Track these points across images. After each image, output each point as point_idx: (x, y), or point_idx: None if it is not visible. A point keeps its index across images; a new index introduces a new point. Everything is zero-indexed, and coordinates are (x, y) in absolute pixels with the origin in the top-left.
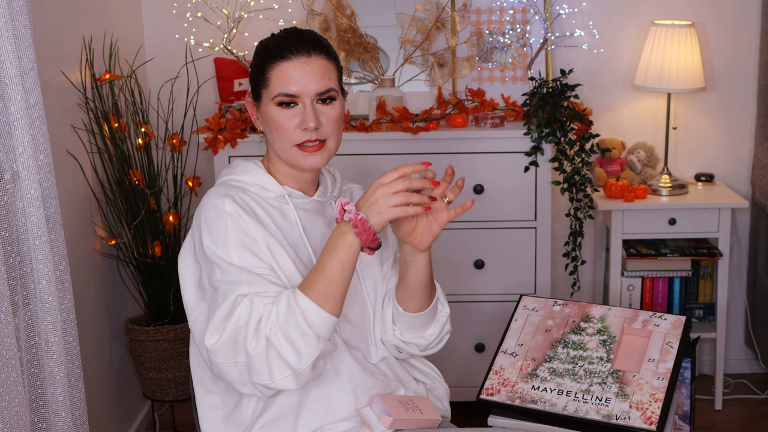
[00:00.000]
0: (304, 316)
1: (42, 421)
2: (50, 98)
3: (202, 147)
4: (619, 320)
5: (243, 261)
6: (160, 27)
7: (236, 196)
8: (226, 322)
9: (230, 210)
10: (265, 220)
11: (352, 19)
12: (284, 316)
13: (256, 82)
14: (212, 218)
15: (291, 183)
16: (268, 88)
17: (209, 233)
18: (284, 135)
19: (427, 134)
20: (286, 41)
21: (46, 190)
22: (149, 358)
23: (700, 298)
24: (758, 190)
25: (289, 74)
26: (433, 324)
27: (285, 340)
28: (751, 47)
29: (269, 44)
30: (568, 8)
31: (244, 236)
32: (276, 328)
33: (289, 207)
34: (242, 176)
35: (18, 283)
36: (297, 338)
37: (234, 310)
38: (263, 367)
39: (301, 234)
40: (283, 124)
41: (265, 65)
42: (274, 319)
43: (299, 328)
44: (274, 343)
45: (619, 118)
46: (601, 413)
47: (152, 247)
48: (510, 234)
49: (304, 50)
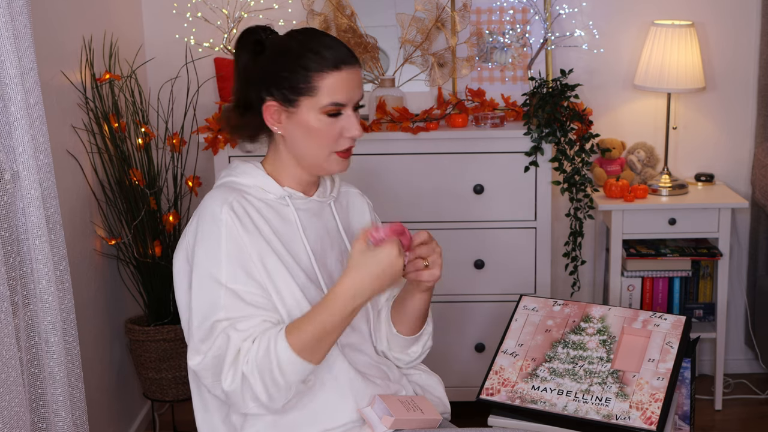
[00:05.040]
0: (279, 366)
1: (42, 421)
2: (50, 98)
3: (202, 147)
4: (619, 320)
5: (230, 278)
6: (160, 27)
7: (235, 203)
8: (207, 345)
9: (227, 219)
10: (263, 228)
11: (352, 19)
12: (261, 359)
13: (294, 89)
14: (208, 226)
15: (294, 185)
16: (315, 96)
17: (202, 241)
18: (324, 142)
19: (427, 134)
20: (335, 51)
21: (46, 190)
22: (149, 358)
23: (700, 298)
24: (758, 190)
25: (342, 85)
26: (418, 343)
27: (260, 380)
28: (751, 47)
29: (307, 50)
30: (568, 8)
31: (237, 250)
32: (253, 368)
33: (290, 209)
34: (241, 178)
35: (18, 283)
36: (269, 383)
37: (212, 337)
38: (239, 400)
39: (301, 235)
40: (326, 132)
41: (312, 74)
42: (253, 357)
43: (272, 376)
44: (250, 381)
45: (619, 118)
46: (601, 413)
47: (152, 247)
48: (510, 234)
49: (352, 61)
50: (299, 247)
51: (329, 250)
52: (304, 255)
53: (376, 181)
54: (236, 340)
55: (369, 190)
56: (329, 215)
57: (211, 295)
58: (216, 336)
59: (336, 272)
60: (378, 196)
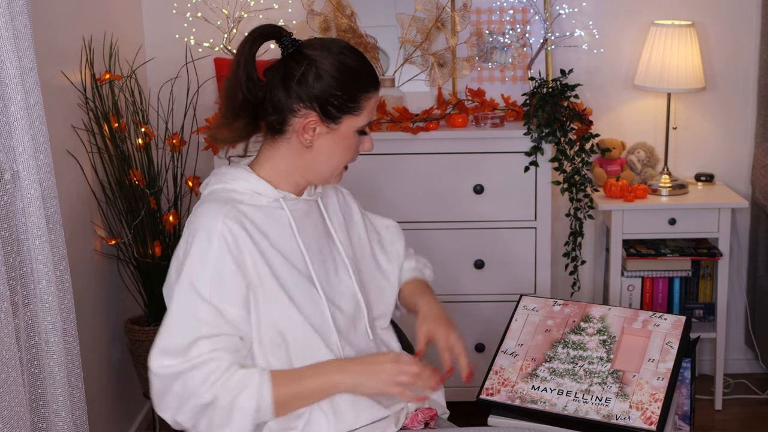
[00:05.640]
0: (236, 407)
1: (42, 421)
2: (50, 98)
3: (202, 147)
4: (619, 320)
5: (215, 295)
6: (160, 27)
7: (229, 216)
8: (181, 359)
9: (221, 237)
10: (261, 244)
11: (352, 19)
12: (224, 391)
13: (341, 107)
14: (200, 240)
15: (290, 188)
16: (359, 116)
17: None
18: (347, 157)
19: (427, 134)
20: (372, 71)
21: (46, 190)
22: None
23: (700, 298)
24: (758, 190)
25: (375, 105)
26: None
27: (228, 411)
28: (751, 47)
29: (358, 71)
30: (568, 8)
31: (225, 269)
32: (224, 395)
33: (284, 211)
34: (233, 184)
35: (18, 283)
36: (200, 412)
37: (190, 353)
38: (161, 392)
39: (296, 236)
40: (354, 148)
41: (360, 94)
42: (218, 384)
43: (216, 410)
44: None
45: (619, 118)
46: (601, 413)
47: (152, 247)
48: (510, 234)
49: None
50: (294, 250)
51: (324, 247)
52: (299, 256)
53: (375, 181)
54: (212, 371)
55: (369, 190)
56: (317, 213)
57: (194, 309)
58: (197, 368)
59: (331, 270)
60: (378, 196)
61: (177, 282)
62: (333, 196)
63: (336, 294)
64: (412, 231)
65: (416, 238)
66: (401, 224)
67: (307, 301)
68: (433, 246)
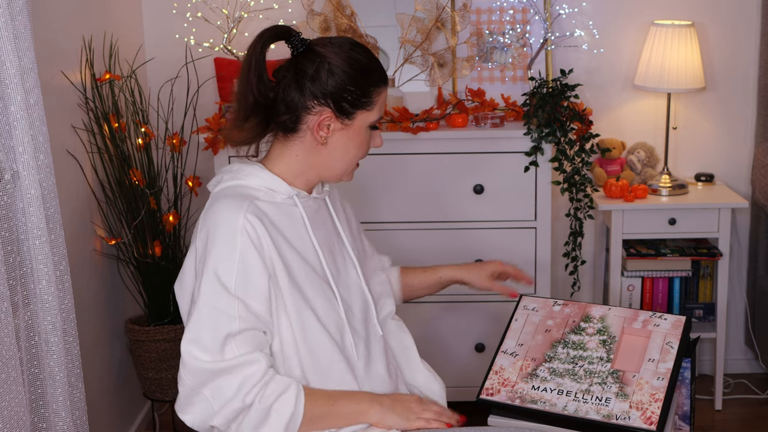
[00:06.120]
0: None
1: (42, 421)
2: (50, 98)
3: (202, 147)
4: (619, 320)
5: (240, 289)
6: (160, 27)
7: (250, 211)
8: (216, 357)
9: (244, 231)
10: (279, 242)
11: (352, 19)
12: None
13: (354, 102)
14: (223, 235)
15: (303, 185)
16: (371, 111)
17: (215, 250)
18: (360, 153)
19: (427, 134)
20: (381, 66)
21: (46, 190)
22: (149, 358)
23: (700, 298)
24: (758, 190)
25: (384, 100)
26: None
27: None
28: (751, 47)
29: (369, 66)
30: (568, 8)
31: (250, 264)
32: (261, 401)
33: (297, 208)
34: (248, 180)
35: (18, 283)
36: (242, 416)
37: (225, 353)
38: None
39: (309, 233)
40: (366, 144)
41: (372, 88)
42: (262, 395)
43: (256, 413)
44: (251, 411)
45: (619, 118)
46: (601, 413)
47: (152, 247)
48: (510, 234)
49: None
50: (308, 247)
51: (334, 245)
52: (312, 254)
53: (376, 181)
54: (249, 380)
55: (368, 190)
56: (326, 211)
57: (223, 304)
58: (229, 355)
59: (341, 267)
60: (378, 196)
61: (203, 276)
62: (336, 195)
63: (347, 291)
64: (412, 231)
65: (416, 238)
66: (401, 224)
67: (321, 298)
68: (433, 246)
